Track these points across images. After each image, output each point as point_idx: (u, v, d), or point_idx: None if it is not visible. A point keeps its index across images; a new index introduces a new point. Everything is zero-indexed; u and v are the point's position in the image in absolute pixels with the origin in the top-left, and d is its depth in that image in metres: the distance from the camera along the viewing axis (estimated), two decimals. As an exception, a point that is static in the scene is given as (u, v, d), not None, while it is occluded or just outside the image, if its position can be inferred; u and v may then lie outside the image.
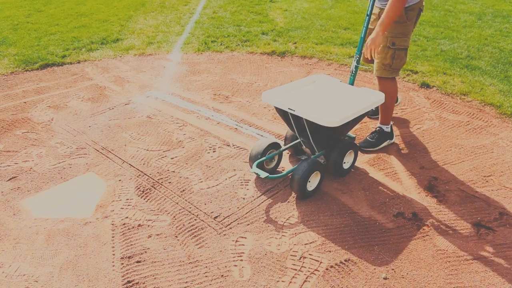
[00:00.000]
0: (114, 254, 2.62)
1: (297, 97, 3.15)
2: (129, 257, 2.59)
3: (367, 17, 3.30)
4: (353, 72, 3.42)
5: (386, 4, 3.27)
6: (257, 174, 3.02)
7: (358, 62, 3.38)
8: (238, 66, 5.58)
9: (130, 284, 2.41)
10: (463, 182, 3.26)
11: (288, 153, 3.61)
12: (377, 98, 3.16)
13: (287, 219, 2.89)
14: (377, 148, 3.69)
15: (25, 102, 4.62)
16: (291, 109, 2.92)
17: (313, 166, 3.00)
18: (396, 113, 4.26)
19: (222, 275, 2.46)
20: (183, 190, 3.18)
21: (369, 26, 3.55)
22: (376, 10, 3.49)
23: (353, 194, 3.14)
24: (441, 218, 2.91)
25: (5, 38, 6.64)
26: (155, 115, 4.32)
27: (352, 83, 3.46)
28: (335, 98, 3.18)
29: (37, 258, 2.60)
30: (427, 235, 2.77)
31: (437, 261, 2.56)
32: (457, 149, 3.67)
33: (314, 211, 2.97)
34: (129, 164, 3.49)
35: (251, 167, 3.14)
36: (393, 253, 2.62)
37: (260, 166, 3.18)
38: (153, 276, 2.46)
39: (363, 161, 3.53)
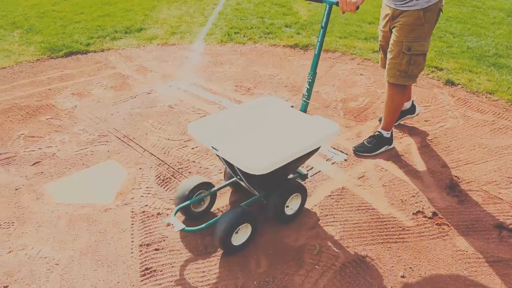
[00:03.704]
0: (133, 241, 2.65)
1: (230, 129, 2.60)
2: (147, 245, 2.62)
3: (322, 30, 2.78)
4: (306, 96, 2.89)
5: (399, 4, 3.07)
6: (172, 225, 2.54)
7: (310, 84, 2.87)
8: (260, 58, 5.57)
9: (148, 271, 2.44)
10: (486, 183, 3.20)
11: (229, 190, 3.15)
12: (328, 131, 2.60)
13: (305, 212, 2.89)
14: (373, 153, 3.54)
15: (50, 89, 4.69)
16: (215, 148, 2.43)
17: (240, 217, 2.51)
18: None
19: (238, 266, 2.47)
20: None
21: (382, 29, 3.37)
22: (387, 11, 3.23)
23: (373, 190, 3.12)
24: (462, 218, 2.87)
25: (31, 26, 6.74)
26: (176, 104, 4.34)
27: (304, 109, 2.91)
28: (277, 130, 2.62)
29: (58, 242, 2.65)
30: (447, 235, 2.73)
31: (457, 262, 2.53)
32: (481, 148, 3.61)
33: (333, 205, 2.96)
34: (150, 153, 3.53)
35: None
36: (411, 251, 2.60)
37: (187, 210, 2.75)
38: (171, 264, 2.49)
39: (384, 157, 3.50)
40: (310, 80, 2.86)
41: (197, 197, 2.75)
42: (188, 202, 2.69)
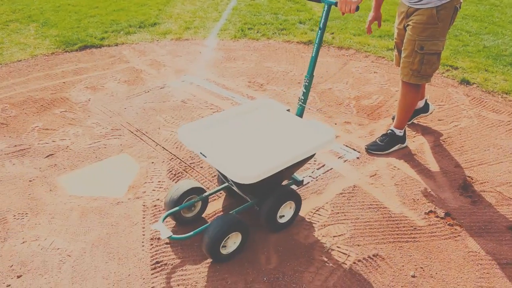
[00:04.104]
0: (144, 235, 2.67)
1: (221, 134, 2.55)
2: (158, 239, 2.63)
3: (320, 31, 2.64)
4: (302, 100, 2.78)
5: (413, 1, 3.03)
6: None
7: (306, 87, 2.74)
8: (274, 55, 5.56)
9: (159, 264, 2.46)
10: (500, 184, 3.16)
11: (221, 194, 3.07)
12: (325, 138, 2.50)
13: (317, 210, 2.88)
14: (386, 152, 3.51)
15: (64, 82, 4.73)
16: (203, 155, 2.35)
17: (230, 226, 2.41)
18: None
19: (249, 262, 2.48)
20: (215, 176, 3.20)
21: (397, 26, 3.34)
22: (403, 8, 3.19)
23: (385, 189, 3.10)
24: (475, 219, 2.84)
25: (47, 20, 6.80)
26: (189, 99, 4.35)
27: (299, 114, 2.79)
28: (270, 136, 2.56)
29: (70, 233, 2.68)
30: (459, 235, 2.71)
31: (468, 263, 2.51)
32: (496, 149, 3.56)
33: (344, 203, 2.94)
34: (162, 147, 3.54)
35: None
36: (422, 251, 2.58)
37: (177, 216, 2.69)
38: (181, 258, 2.50)
39: (397, 156, 3.47)
40: (306, 84, 2.73)
41: (187, 202, 2.67)
42: (177, 208, 2.62)
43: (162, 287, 2.32)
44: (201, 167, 3.29)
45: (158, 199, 2.96)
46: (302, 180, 2.94)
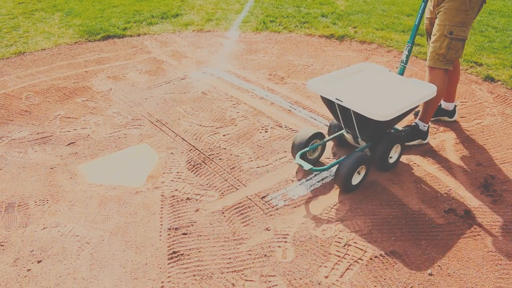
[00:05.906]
0: (161, 225, 2.69)
1: (344, 86, 3.04)
2: (176, 229, 2.66)
3: (423, 3, 3.17)
4: (404, 61, 3.29)
5: None
6: (300, 165, 2.90)
7: (409, 51, 3.25)
8: (295, 48, 5.53)
9: (175, 254, 2.48)
10: (522, 183, 3.10)
11: (331, 143, 3.53)
12: (429, 90, 2.98)
13: (335, 205, 2.87)
14: (405, 144, 3.45)
15: (86, 72, 4.79)
16: (339, 100, 2.83)
17: (360, 160, 2.91)
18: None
19: (265, 255, 2.49)
20: (233, 168, 3.21)
21: (429, 16, 3.42)
22: None
23: (404, 186, 3.07)
24: (495, 218, 2.79)
25: (71, 9, 6.88)
26: (210, 91, 4.36)
27: (402, 73, 3.29)
28: (383, 88, 3.06)
29: (89, 221, 2.72)
30: (478, 234, 2.67)
31: (487, 263, 2.47)
32: (519, 148, 3.49)
33: (362, 199, 2.93)
34: (182, 138, 3.56)
35: (294, 157, 3.10)
36: (441, 249, 2.55)
37: (303, 156, 3.09)
38: (198, 249, 2.52)
39: (417, 153, 3.43)
40: (409, 47, 3.25)
41: (314, 145, 3.15)
42: (308, 148, 3.09)
43: (178, 277, 2.35)
44: (220, 159, 3.30)
45: (176, 190, 2.99)
46: (402, 129, 3.49)
